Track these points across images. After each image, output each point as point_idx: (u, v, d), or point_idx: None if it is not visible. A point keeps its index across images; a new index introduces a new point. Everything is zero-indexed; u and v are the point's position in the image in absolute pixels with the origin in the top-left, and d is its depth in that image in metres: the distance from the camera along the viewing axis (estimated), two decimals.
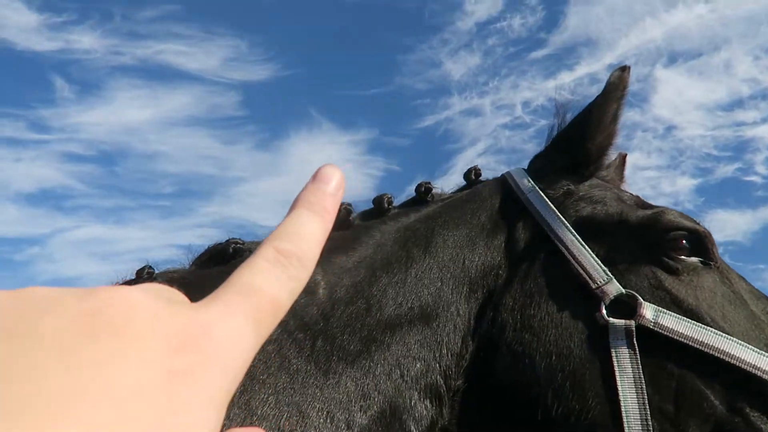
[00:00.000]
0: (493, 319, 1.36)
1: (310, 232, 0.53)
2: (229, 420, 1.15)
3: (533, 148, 1.70)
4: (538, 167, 1.59)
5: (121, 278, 1.27)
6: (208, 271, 1.36)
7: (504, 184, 1.58)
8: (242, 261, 1.48)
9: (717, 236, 1.44)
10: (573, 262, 1.37)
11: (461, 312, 1.37)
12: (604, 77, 1.57)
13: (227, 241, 1.39)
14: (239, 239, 1.40)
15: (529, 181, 1.53)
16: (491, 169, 1.70)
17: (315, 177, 0.58)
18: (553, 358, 1.30)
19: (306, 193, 0.56)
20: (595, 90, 1.59)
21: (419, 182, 1.60)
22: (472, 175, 1.68)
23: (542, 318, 1.34)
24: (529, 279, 1.39)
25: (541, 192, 1.50)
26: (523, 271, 1.41)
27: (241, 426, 1.15)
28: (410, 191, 1.61)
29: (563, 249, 1.39)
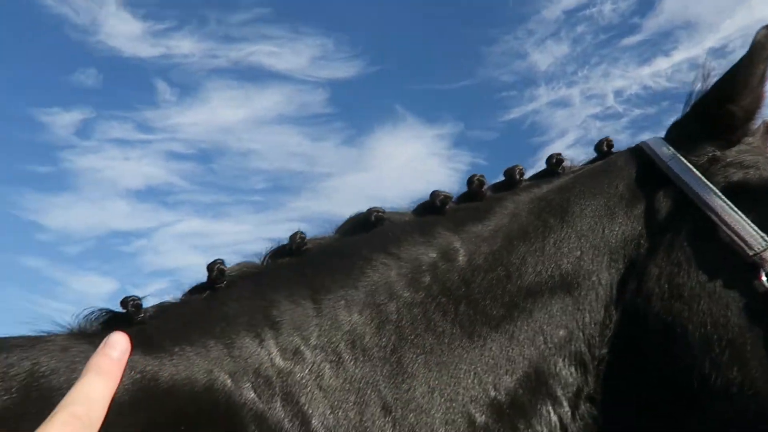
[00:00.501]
0: (638, 288, 1.34)
1: (98, 394, 0.69)
2: (383, 376, 1.21)
3: (626, 138, 1.64)
4: (677, 135, 1.53)
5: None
6: (352, 238, 1.43)
7: (641, 153, 1.54)
8: (383, 229, 1.55)
9: None
10: (726, 229, 1.32)
11: (603, 281, 1.36)
12: (706, 61, 1.52)
13: (368, 210, 1.46)
14: (380, 208, 1.46)
15: (668, 149, 1.48)
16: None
17: (105, 343, 0.76)
18: (709, 327, 1.26)
19: (96, 358, 0.74)
20: (695, 76, 1.53)
21: (551, 154, 1.60)
22: (604, 146, 1.65)
23: (693, 287, 1.30)
24: (675, 248, 1.35)
25: (683, 159, 1.45)
26: (668, 240, 1.37)
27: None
28: None
29: (713, 216, 1.34)
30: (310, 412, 1.15)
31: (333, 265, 1.35)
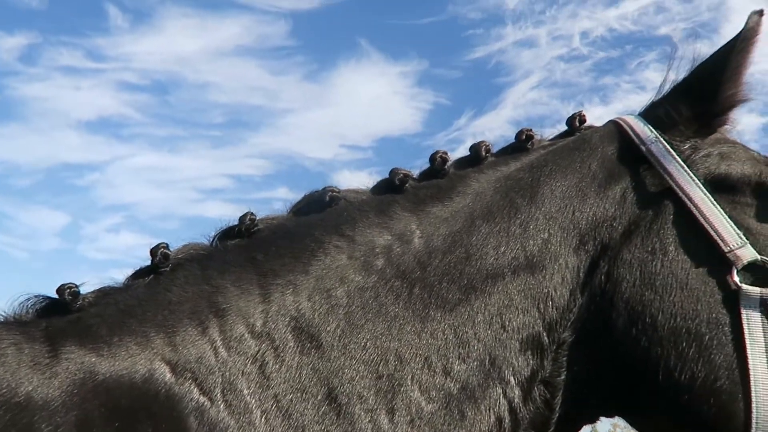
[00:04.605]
0: (608, 273, 1.31)
1: None
2: (330, 362, 1.19)
3: (590, 81, 1.57)
4: (660, 115, 1.45)
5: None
6: (305, 218, 1.38)
7: (618, 131, 1.47)
8: (339, 209, 1.49)
9: None
10: (703, 221, 1.29)
11: (570, 264, 1.32)
12: (671, 6, 1.42)
13: (324, 189, 1.40)
14: (335, 187, 1.40)
15: (651, 131, 1.41)
16: (543, 103, 1.59)
17: None
18: (678, 320, 1.25)
19: None
20: (661, 20, 1.44)
21: (520, 129, 1.52)
22: (576, 121, 1.57)
23: (666, 277, 1.28)
24: (651, 235, 1.32)
25: (666, 143, 1.39)
26: (645, 226, 1.33)
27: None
28: (459, 125, 1.55)
29: (692, 207, 1.31)
30: (253, 402, 1.13)
31: (283, 248, 1.30)
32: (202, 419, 1.09)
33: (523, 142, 1.51)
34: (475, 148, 1.48)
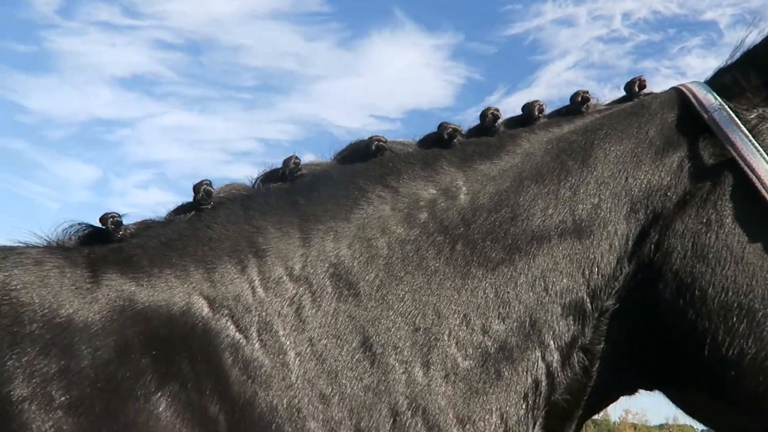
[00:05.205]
0: (658, 243, 1.26)
1: None
2: (367, 311, 1.17)
3: (628, 64, 1.50)
4: (728, 83, 1.37)
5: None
6: (350, 166, 1.35)
7: (680, 98, 1.39)
8: (384, 159, 1.45)
9: None
10: (765, 194, 1.23)
11: (619, 232, 1.28)
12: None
13: (370, 138, 1.37)
14: (382, 137, 1.37)
15: (715, 98, 1.34)
16: (579, 84, 1.50)
17: None
18: (730, 294, 1.20)
19: None
20: (707, 4, 1.36)
21: (576, 91, 1.46)
22: (635, 87, 1.50)
23: (719, 250, 1.23)
24: (707, 206, 1.26)
25: (731, 111, 1.31)
26: (701, 196, 1.28)
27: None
28: (490, 102, 1.48)
29: (754, 178, 1.24)
30: (288, 343, 1.12)
31: (326, 194, 1.28)
32: (237, 356, 1.09)
33: (578, 104, 1.45)
34: (528, 108, 1.43)
